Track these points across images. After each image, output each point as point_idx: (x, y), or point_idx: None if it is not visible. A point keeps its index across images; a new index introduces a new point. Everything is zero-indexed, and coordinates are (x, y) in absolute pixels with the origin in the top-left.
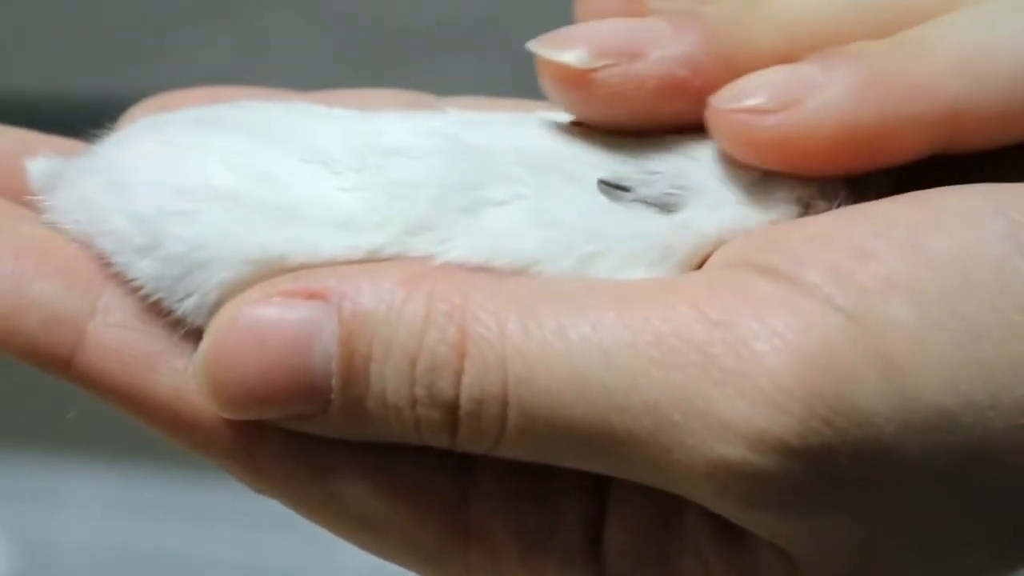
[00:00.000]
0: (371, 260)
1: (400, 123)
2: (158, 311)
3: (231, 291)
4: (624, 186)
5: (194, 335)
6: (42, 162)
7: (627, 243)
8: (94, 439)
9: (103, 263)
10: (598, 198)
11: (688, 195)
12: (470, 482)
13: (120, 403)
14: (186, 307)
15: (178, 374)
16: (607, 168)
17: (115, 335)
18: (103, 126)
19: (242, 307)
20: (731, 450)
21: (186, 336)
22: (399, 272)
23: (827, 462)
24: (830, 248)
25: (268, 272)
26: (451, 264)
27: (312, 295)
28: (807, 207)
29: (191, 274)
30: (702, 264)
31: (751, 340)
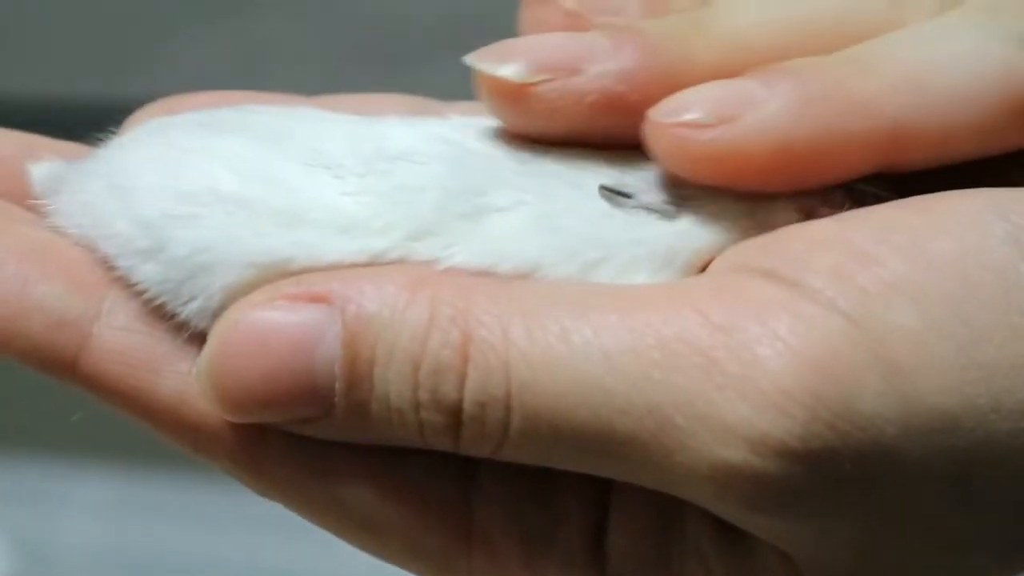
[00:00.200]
0: (374, 264)
1: (404, 128)
2: (162, 314)
3: (235, 295)
4: (625, 192)
5: (198, 338)
6: (45, 166)
7: (629, 249)
8: (96, 442)
9: (107, 267)
10: (600, 204)
11: (689, 201)
12: (472, 485)
13: (123, 406)
14: (190, 311)
15: (181, 377)
16: (608, 174)
17: (119, 338)
18: (107, 130)
19: (246, 310)
20: (733, 453)
21: (190, 339)
22: (402, 276)
23: (829, 465)
24: (832, 252)
25: (272, 276)
26: (454, 269)
27: (316, 298)
28: (809, 213)
29: (194, 278)
30: (704, 269)
31: (753, 344)
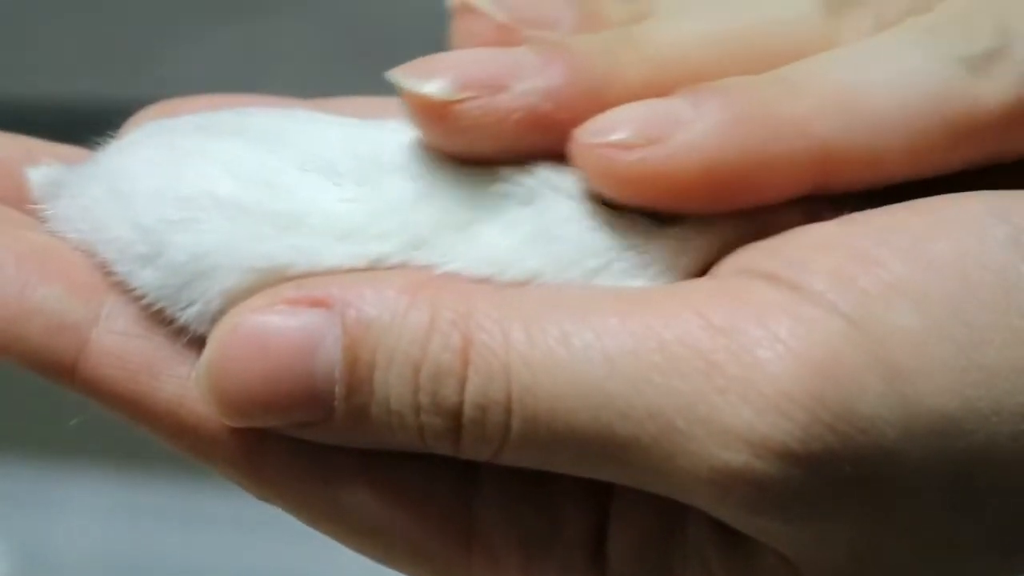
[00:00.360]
0: (374, 269)
1: (403, 133)
2: (161, 319)
3: (234, 300)
4: None
5: (197, 343)
6: (44, 171)
7: (628, 256)
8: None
9: (106, 271)
10: (598, 212)
11: None
12: (473, 489)
13: (123, 410)
14: (189, 315)
15: (181, 381)
16: None
17: (118, 342)
18: (106, 133)
19: (245, 314)
20: (734, 456)
21: (189, 344)
22: (403, 280)
23: (830, 467)
24: (833, 254)
25: (271, 281)
26: (454, 275)
27: (316, 303)
28: (810, 216)
29: (193, 283)
30: (705, 272)
31: (754, 346)
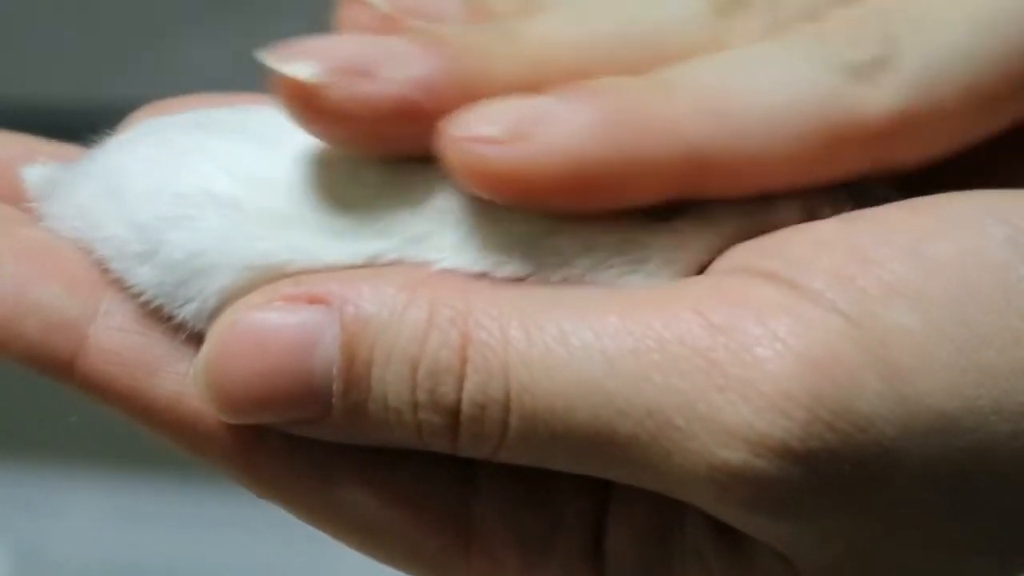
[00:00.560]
0: (371, 266)
1: None
2: (159, 316)
3: (231, 297)
4: None
5: (195, 340)
6: (40, 169)
7: (627, 251)
8: (95, 447)
9: (103, 269)
10: None
11: (688, 203)
12: (471, 488)
13: (121, 407)
14: (186, 313)
15: (179, 378)
16: None
17: (116, 339)
18: (103, 132)
19: (244, 311)
20: (733, 454)
21: (187, 341)
22: (401, 277)
23: (829, 466)
24: (832, 254)
25: (268, 278)
26: (451, 271)
27: (314, 299)
28: (810, 214)
29: (190, 281)
30: (703, 270)
31: (753, 345)
